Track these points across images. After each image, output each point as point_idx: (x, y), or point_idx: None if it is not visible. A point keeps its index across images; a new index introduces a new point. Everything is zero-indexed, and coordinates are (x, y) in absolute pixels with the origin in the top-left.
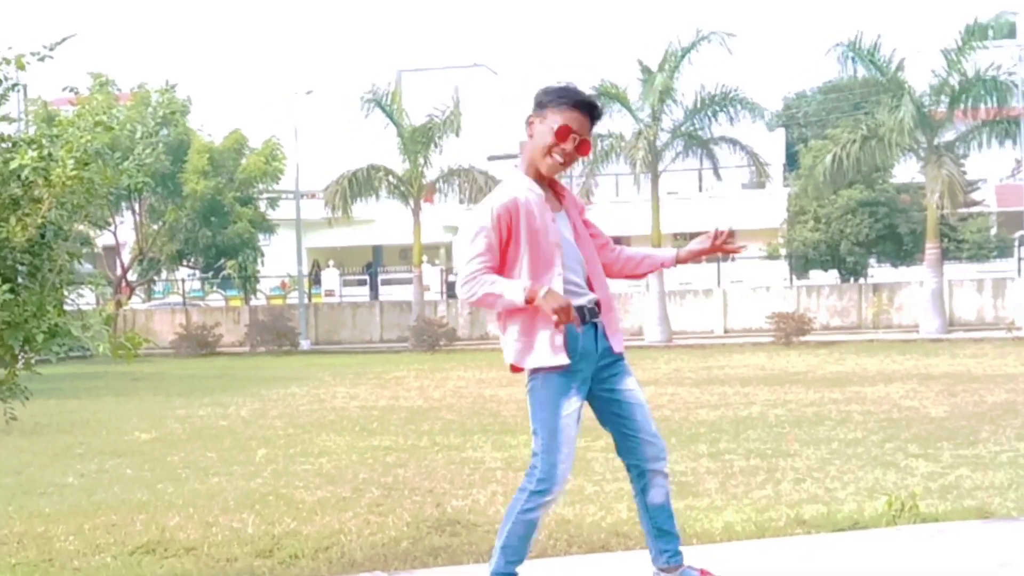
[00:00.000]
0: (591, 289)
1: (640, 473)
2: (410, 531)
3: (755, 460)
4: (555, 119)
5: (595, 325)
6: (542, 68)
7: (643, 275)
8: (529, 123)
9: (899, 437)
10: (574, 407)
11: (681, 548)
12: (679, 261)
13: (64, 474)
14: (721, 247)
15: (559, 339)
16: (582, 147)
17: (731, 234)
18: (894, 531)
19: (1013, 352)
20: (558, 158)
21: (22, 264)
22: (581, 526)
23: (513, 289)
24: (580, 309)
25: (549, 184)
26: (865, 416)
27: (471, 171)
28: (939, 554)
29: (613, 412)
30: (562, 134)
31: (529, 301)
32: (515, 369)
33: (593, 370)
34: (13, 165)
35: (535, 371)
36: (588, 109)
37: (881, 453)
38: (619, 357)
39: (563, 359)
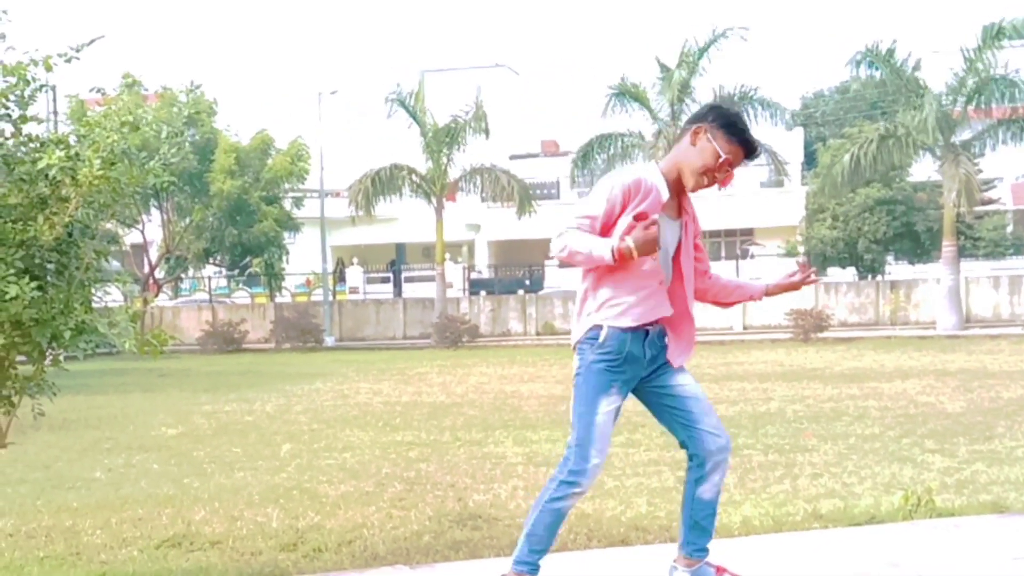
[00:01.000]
0: (684, 299)
1: (701, 464)
2: (432, 525)
3: (773, 455)
4: (724, 146)
5: (646, 332)
6: (563, 68)
7: (732, 304)
8: (695, 131)
9: (916, 432)
10: (613, 406)
11: (709, 546)
12: (767, 294)
13: (92, 469)
14: (804, 282)
15: (631, 312)
16: (727, 179)
17: (813, 271)
18: (910, 525)
19: None
20: (706, 181)
21: (50, 262)
22: (601, 520)
23: (601, 246)
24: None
25: (677, 193)
26: (882, 412)
27: (493, 170)
28: (954, 548)
29: (667, 406)
30: (724, 165)
31: (619, 260)
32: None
33: (640, 375)
34: (41, 165)
35: (580, 366)
36: (750, 152)
37: (898, 448)
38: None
39: (627, 320)
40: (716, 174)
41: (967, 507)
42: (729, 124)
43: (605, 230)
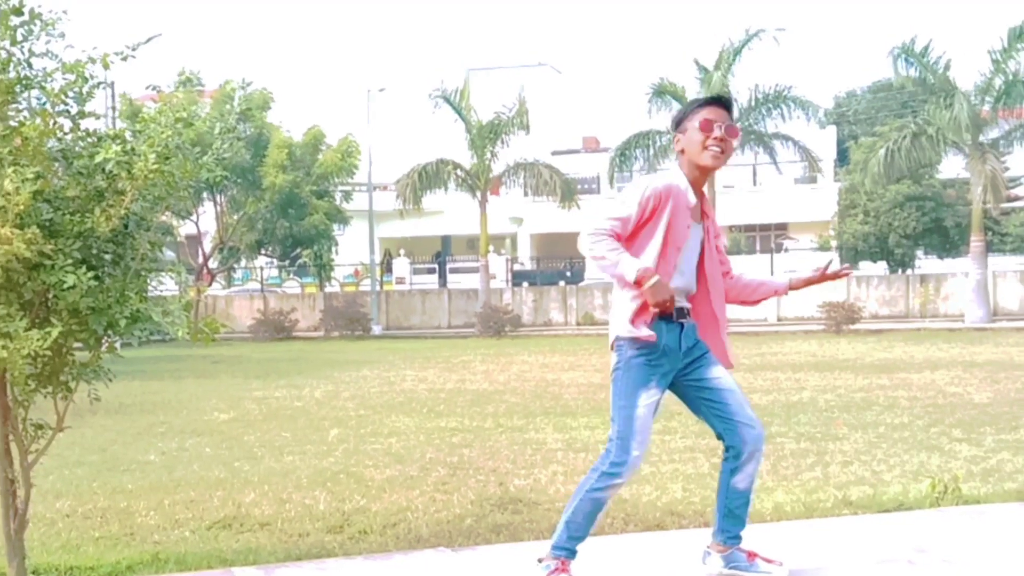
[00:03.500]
0: (710, 302)
1: (737, 455)
2: (474, 509)
3: (805, 443)
4: (699, 118)
5: (681, 325)
6: (603, 67)
7: (757, 302)
8: (676, 141)
9: (944, 422)
10: (653, 399)
11: (742, 533)
12: (792, 288)
13: (146, 452)
14: (831, 277)
15: (647, 318)
16: (730, 132)
17: (845, 272)
18: (937, 512)
19: None
20: (714, 148)
21: (106, 253)
22: (637, 505)
23: (629, 264)
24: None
25: (699, 195)
26: (911, 401)
27: (535, 165)
28: (980, 535)
29: (704, 399)
30: (706, 126)
31: (638, 283)
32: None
33: (676, 367)
34: (98, 159)
35: (619, 361)
36: (718, 102)
37: (926, 437)
38: (705, 350)
39: (645, 331)
40: (713, 135)
41: (993, 495)
42: (688, 109)
43: (635, 229)
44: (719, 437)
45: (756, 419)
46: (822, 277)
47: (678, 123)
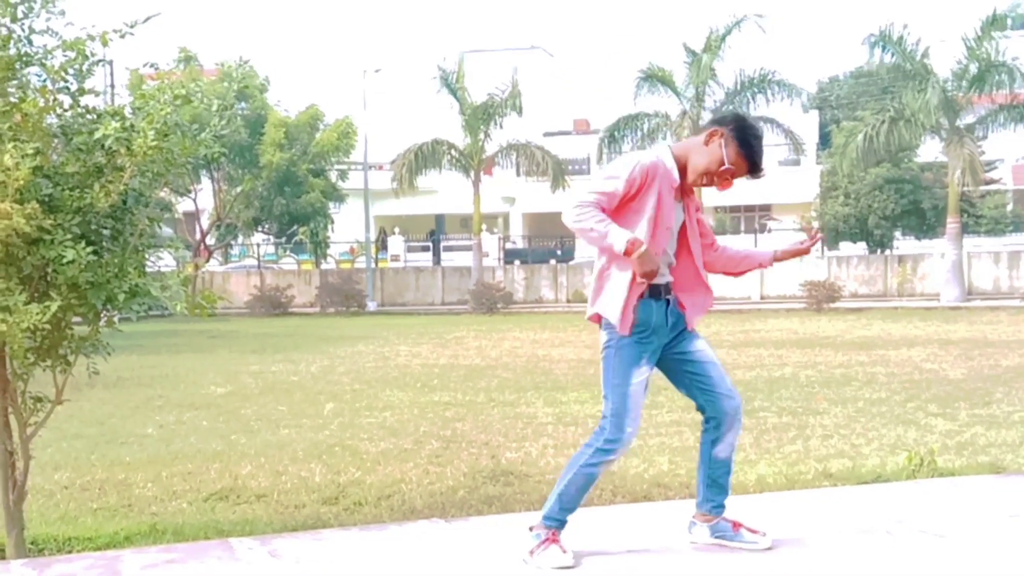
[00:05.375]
0: (699, 274)
1: (718, 425)
2: (467, 481)
3: (787, 417)
4: (731, 156)
5: (667, 302)
6: (594, 51)
7: (742, 273)
8: (712, 133)
9: (920, 397)
10: (644, 376)
11: (726, 502)
12: (776, 260)
13: (144, 425)
14: (809, 248)
15: (629, 310)
16: (725, 186)
17: (818, 233)
18: (914, 484)
19: None
20: (705, 180)
21: (105, 228)
22: (625, 477)
23: (618, 235)
24: (658, 287)
25: (683, 175)
26: (889, 377)
27: (528, 146)
28: (955, 506)
29: (687, 372)
30: (731, 173)
31: (627, 252)
32: (595, 319)
33: (663, 343)
34: (97, 135)
35: (609, 339)
36: (754, 171)
37: (903, 412)
38: (684, 325)
39: (624, 328)
40: (716, 178)
41: (967, 467)
42: (744, 139)
43: (621, 206)
44: (700, 409)
45: (735, 390)
46: (807, 249)
47: (728, 126)
